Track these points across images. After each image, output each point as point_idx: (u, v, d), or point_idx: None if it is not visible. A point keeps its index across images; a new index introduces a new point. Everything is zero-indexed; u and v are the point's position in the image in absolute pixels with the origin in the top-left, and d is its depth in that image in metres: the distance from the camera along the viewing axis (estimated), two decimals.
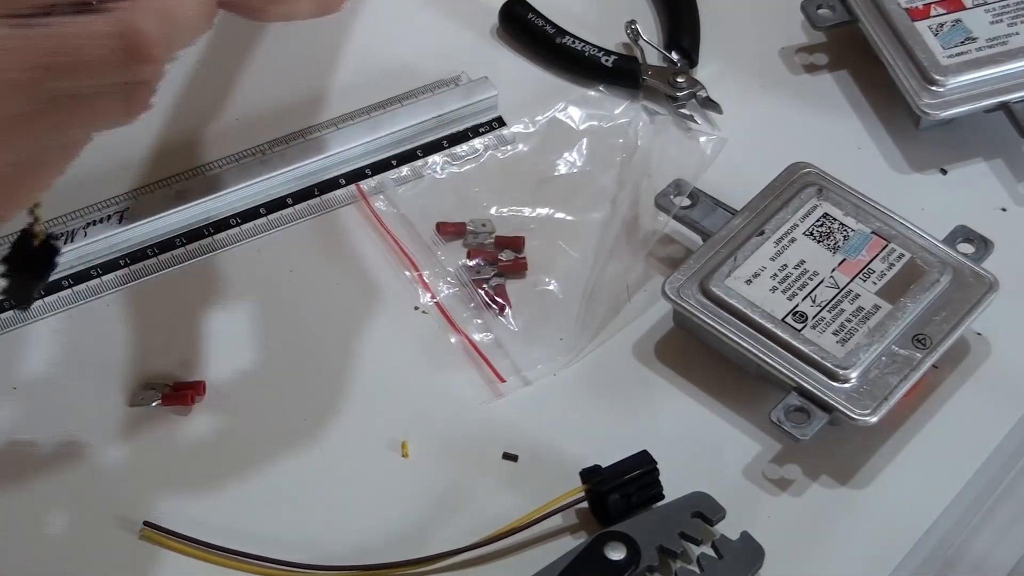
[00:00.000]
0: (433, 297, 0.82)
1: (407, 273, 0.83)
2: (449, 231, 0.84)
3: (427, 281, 0.82)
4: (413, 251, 0.83)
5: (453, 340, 0.80)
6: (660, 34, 0.94)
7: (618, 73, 0.91)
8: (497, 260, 0.83)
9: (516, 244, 0.84)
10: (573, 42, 0.92)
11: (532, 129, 0.89)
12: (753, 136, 0.89)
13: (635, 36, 0.92)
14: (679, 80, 0.90)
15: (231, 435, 0.77)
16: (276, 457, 0.76)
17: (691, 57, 0.91)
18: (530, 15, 0.93)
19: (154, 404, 0.77)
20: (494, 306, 0.81)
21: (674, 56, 0.91)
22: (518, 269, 0.83)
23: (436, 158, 0.88)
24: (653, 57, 0.92)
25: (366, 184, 0.87)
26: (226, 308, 0.82)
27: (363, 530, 0.74)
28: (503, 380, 0.79)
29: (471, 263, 0.83)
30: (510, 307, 0.81)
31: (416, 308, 0.82)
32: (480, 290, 0.82)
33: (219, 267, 0.83)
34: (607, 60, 0.91)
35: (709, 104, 0.89)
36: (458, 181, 0.87)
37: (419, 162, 0.88)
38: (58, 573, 0.73)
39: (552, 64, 0.93)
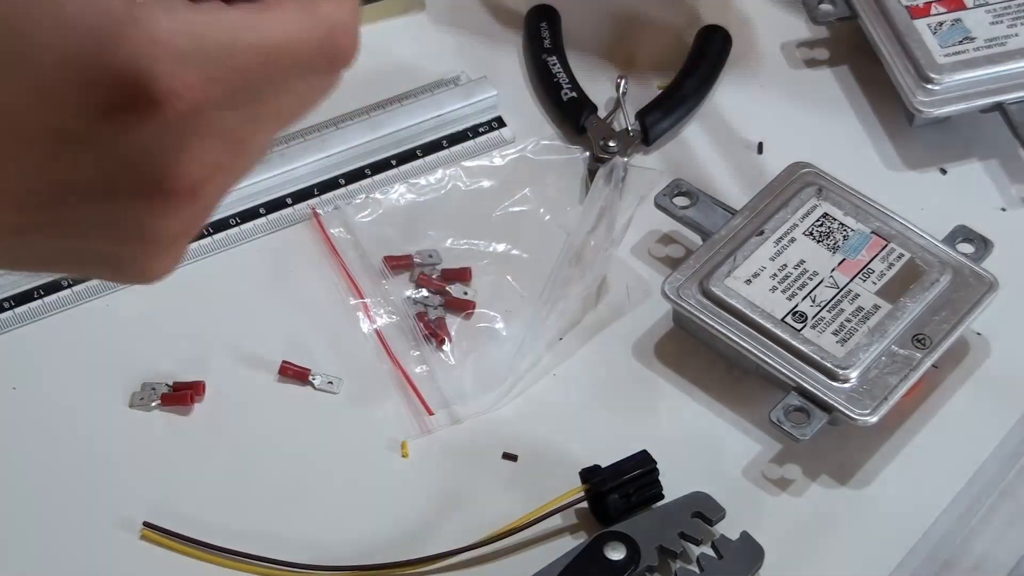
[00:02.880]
0: (373, 323, 0.81)
1: (352, 301, 0.82)
2: (396, 265, 0.83)
3: (370, 309, 0.81)
4: (360, 278, 0.83)
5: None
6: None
7: (567, 109, 0.89)
8: (444, 291, 0.82)
9: (463, 276, 0.83)
10: (554, 64, 0.91)
11: (501, 163, 0.88)
12: (752, 135, 0.89)
13: (618, 89, 0.90)
14: (609, 144, 0.87)
15: (231, 435, 0.77)
16: (276, 457, 0.76)
17: (647, 136, 0.88)
18: (543, 23, 0.93)
19: (154, 404, 0.77)
20: (433, 339, 0.80)
21: (635, 124, 0.89)
22: (464, 308, 0.82)
23: (399, 187, 0.87)
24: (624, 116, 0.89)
25: (364, 184, 0.87)
26: (226, 308, 0.82)
27: (363, 530, 0.74)
28: (431, 413, 0.78)
29: (416, 294, 0.82)
30: (449, 340, 0.80)
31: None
32: (420, 323, 0.81)
33: (219, 267, 0.83)
34: (566, 93, 0.89)
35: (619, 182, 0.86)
36: (416, 210, 0.86)
37: (386, 175, 0.87)
38: (58, 573, 0.73)
39: (534, 78, 0.92)
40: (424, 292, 0.82)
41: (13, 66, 0.48)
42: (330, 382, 0.79)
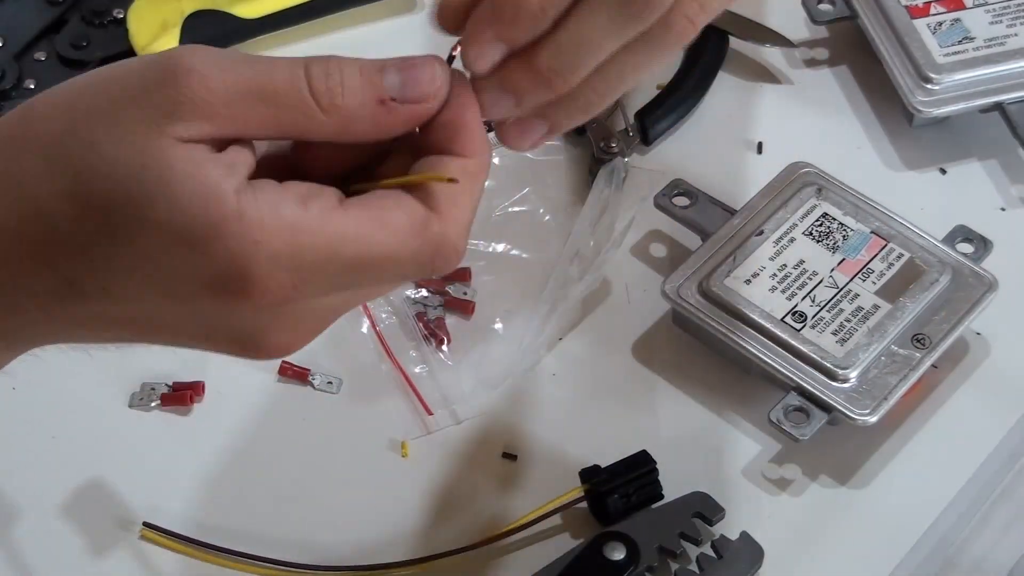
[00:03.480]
0: (374, 325, 0.81)
1: None
2: None
3: (370, 309, 0.81)
4: None
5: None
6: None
7: None
8: (444, 291, 0.82)
9: (463, 276, 0.83)
10: None
11: (501, 163, 0.88)
12: (752, 135, 0.89)
13: None
14: (610, 144, 0.87)
15: (231, 435, 0.77)
16: (276, 457, 0.76)
17: (646, 136, 0.88)
18: None
19: (154, 404, 0.78)
20: (432, 340, 0.80)
21: (635, 124, 0.88)
22: (463, 308, 0.82)
23: None
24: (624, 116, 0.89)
25: None
26: None
27: (363, 530, 0.74)
28: (431, 413, 0.78)
29: (416, 294, 0.82)
30: (449, 341, 0.80)
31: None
32: (420, 323, 0.81)
33: None
34: None
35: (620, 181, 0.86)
36: None
37: None
38: (58, 573, 0.73)
39: None
40: (424, 292, 0.82)
41: (132, 234, 0.51)
42: (329, 382, 0.79)
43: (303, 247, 0.52)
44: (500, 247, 0.84)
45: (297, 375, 0.79)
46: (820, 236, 0.80)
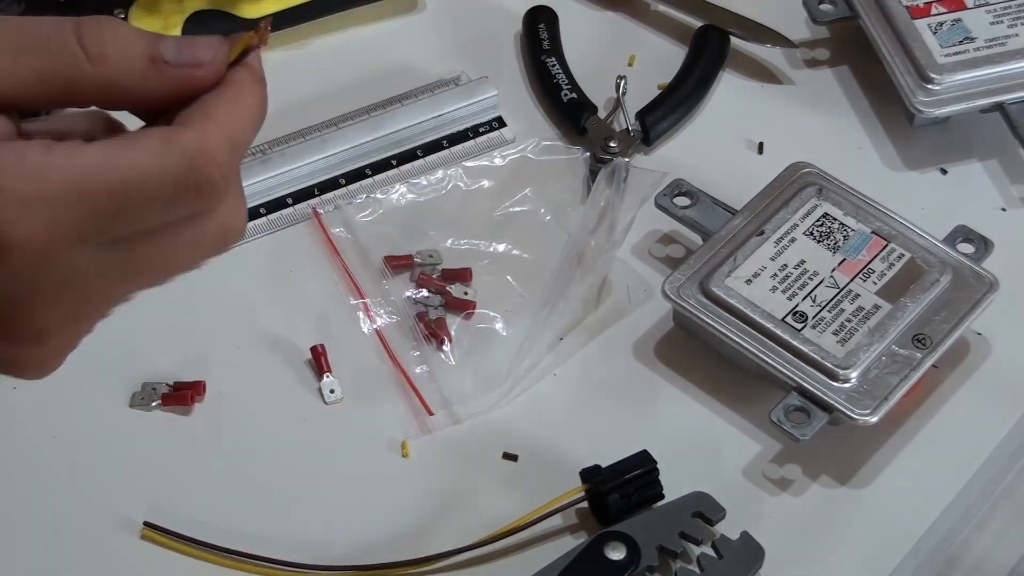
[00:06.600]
0: (373, 323, 0.81)
1: (352, 301, 0.82)
2: (396, 265, 0.83)
3: (371, 309, 0.82)
4: (360, 278, 0.83)
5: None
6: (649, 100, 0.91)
7: (567, 110, 0.89)
8: (444, 291, 0.82)
9: (463, 276, 0.83)
10: (553, 65, 0.91)
11: (502, 163, 0.88)
12: (752, 135, 0.89)
13: (617, 89, 0.90)
14: (610, 144, 0.87)
15: (231, 435, 0.77)
16: (276, 457, 0.76)
17: (647, 136, 0.88)
18: (541, 25, 0.93)
19: (154, 404, 0.78)
20: (433, 340, 0.80)
21: (636, 124, 0.89)
22: (464, 308, 0.82)
23: (400, 186, 0.87)
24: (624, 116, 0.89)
25: (364, 184, 0.87)
26: (226, 308, 0.82)
27: (363, 530, 0.74)
28: (431, 413, 0.78)
29: (416, 294, 0.82)
30: (449, 341, 0.80)
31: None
32: (421, 323, 0.81)
33: (219, 267, 0.83)
34: (565, 94, 0.90)
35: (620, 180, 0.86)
36: (417, 210, 0.86)
37: (386, 175, 0.87)
38: (59, 573, 0.73)
39: (533, 79, 0.92)
40: (424, 292, 0.82)
41: None
42: (332, 390, 0.78)
43: (51, 183, 0.48)
44: (500, 247, 0.84)
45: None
46: (821, 236, 0.80)
